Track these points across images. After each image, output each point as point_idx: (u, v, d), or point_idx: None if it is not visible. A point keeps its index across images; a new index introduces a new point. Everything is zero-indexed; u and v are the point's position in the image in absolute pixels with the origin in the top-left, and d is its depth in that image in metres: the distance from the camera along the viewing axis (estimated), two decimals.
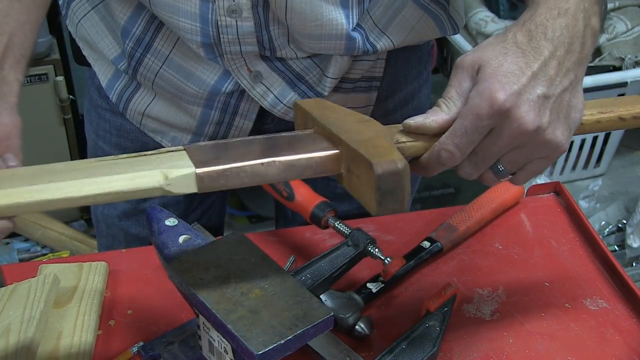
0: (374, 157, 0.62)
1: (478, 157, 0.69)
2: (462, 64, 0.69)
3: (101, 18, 0.98)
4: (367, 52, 0.92)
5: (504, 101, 0.65)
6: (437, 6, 0.95)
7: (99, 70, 1.03)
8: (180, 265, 0.74)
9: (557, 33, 0.68)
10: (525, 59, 0.67)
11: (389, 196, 0.62)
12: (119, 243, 1.15)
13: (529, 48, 0.67)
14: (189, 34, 0.88)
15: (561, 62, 0.68)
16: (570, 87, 0.69)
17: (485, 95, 0.66)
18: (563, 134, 0.69)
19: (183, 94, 0.96)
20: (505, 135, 0.67)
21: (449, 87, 0.70)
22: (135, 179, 0.61)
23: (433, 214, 1.06)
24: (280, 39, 0.90)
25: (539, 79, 0.66)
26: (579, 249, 1.00)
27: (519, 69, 0.66)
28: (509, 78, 0.66)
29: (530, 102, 0.66)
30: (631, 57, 2.13)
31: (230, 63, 0.91)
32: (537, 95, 0.66)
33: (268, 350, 0.65)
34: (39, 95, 2.06)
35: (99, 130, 1.10)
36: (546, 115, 0.67)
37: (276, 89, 0.95)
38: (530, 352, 0.84)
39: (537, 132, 0.67)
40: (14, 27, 0.80)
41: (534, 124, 0.66)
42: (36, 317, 0.81)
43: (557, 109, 0.68)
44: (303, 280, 0.85)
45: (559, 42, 0.68)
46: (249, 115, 0.98)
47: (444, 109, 0.70)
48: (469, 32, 2.26)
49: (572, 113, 0.70)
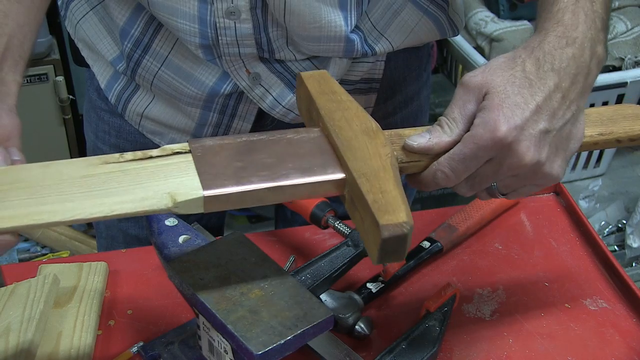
0: (382, 216, 0.61)
1: (475, 180, 0.71)
2: (470, 85, 0.70)
3: (100, 19, 0.98)
4: (366, 54, 0.92)
5: (506, 135, 0.66)
6: (437, 8, 0.95)
7: (97, 71, 1.03)
8: (180, 265, 0.73)
9: (563, 64, 0.69)
10: (531, 90, 0.68)
11: (391, 255, 0.63)
12: (118, 244, 1.15)
13: (535, 78, 0.68)
14: (188, 35, 0.88)
15: (565, 95, 0.69)
16: (572, 118, 0.70)
17: (489, 127, 0.67)
18: (560, 167, 0.71)
19: (181, 95, 0.96)
20: (504, 166, 0.69)
21: (453, 106, 0.71)
22: (144, 201, 0.62)
23: (433, 214, 1.06)
24: (278, 41, 0.90)
25: (542, 114, 0.68)
26: (579, 249, 1.00)
27: (524, 102, 0.67)
28: (514, 111, 0.67)
29: (531, 137, 0.67)
30: (631, 57, 2.13)
31: (228, 65, 0.91)
32: (539, 130, 0.68)
33: (268, 351, 0.65)
34: (39, 95, 2.06)
35: (98, 131, 1.09)
36: (545, 150, 0.69)
37: (275, 91, 0.94)
38: (530, 352, 0.84)
39: (535, 166, 0.69)
40: (13, 29, 0.80)
41: (533, 159, 0.68)
42: (36, 317, 0.81)
43: (557, 143, 0.70)
44: (303, 280, 0.85)
45: (564, 73, 0.69)
46: (247, 117, 0.98)
47: (446, 130, 0.71)
48: (468, 32, 2.26)
49: (570, 144, 0.72)
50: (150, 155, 0.66)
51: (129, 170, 0.65)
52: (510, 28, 2.19)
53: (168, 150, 0.67)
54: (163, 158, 0.66)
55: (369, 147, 0.68)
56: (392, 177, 0.65)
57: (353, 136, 0.69)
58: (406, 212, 0.62)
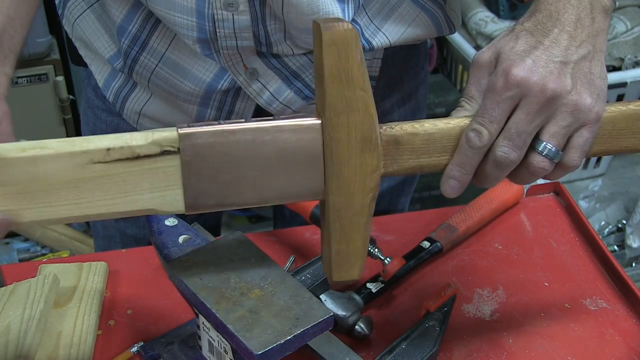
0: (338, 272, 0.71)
1: (511, 131, 0.68)
2: (480, 61, 0.71)
3: (97, 17, 0.98)
4: (363, 48, 0.92)
5: (518, 71, 0.67)
6: (434, 5, 0.96)
7: (95, 69, 1.03)
8: (180, 265, 0.74)
9: (561, 12, 0.70)
10: (535, 37, 0.69)
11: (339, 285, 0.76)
12: (115, 244, 1.15)
13: (536, 30, 0.70)
14: (185, 29, 0.88)
15: (572, 36, 0.69)
16: (589, 55, 0.70)
17: (500, 72, 0.68)
18: (591, 97, 0.69)
19: (179, 92, 0.96)
20: (531, 103, 0.67)
21: (469, 86, 0.72)
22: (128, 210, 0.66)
23: (433, 214, 1.06)
24: (276, 34, 0.90)
25: (553, 49, 0.68)
26: (579, 249, 1.00)
27: (530, 47, 0.68)
28: (521, 56, 0.68)
29: (547, 67, 0.67)
30: (631, 58, 2.13)
31: (226, 59, 0.91)
32: (554, 62, 0.68)
33: (268, 350, 0.65)
34: (39, 95, 2.06)
35: (95, 131, 1.10)
36: (567, 79, 0.68)
37: (272, 87, 0.95)
38: (530, 352, 0.84)
39: (562, 95, 0.67)
40: (4, 22, 0.80)
41: (556, 87, 0.67)
42: (36, 317, 0.81)
43: (578, 75, 0.69)
44: (303, 280, 0.85)
45: (565, 19, 0.70)
46: (244, 114, 0.98)
47: (467, 107, 0.71)
48: (468, 32, 2.26)
49: (595, 80, 0.70)
50: (138, 155, 0.64)
51: (115, 176, 0.64)
52: None
53: (156, 147, 0.64)
54: (150, 159, 0.64)
55: (357, 176, 0.68)
56: (363, 223, 0.69)
57: (346, 159, 0.67)
58: (360, 268, 0.71)
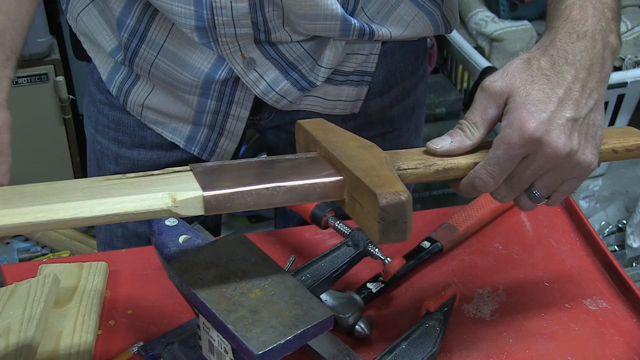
0: (378, 188, 0.63)
1: (513, 180, 0.73)
2: (490, 90, 0.72)
3: (99, 11, 0.99)
4: (364, 32, 0.92)
5: (534, 130, 0.68)
6: (432, 4, 0.97)
7: (99, 63, 1.04)
8: (180, 265, 0.74)
9: (577, 57, 0.71)
10: (551, 84, 0.70)
11: (392, 227, 0.63)
12: (117, 238, 1.15)
13: (552, 74, 0.70)
14: (183, 18, 0.88)
15: (584, 85, 0.71)
16: (595, 106, 0.72)
17: (516, 126, 0.69)
18: (592, 153, 0.72)
19: (179, 83, 0.97)
20: (539, 160, 0.70)
21: (474, 111, 0.74)
22: (144, 201, 0.63)
23: (433, 214, 1.06)
24: (275, 20, 0.89)
25: (566, 104, 0.70)
26: (579, 249, 1.00)
27: (546, 97, 0.69)
28: (538, 106, 0.69)
29: (560, 127, 0.69)
30: (631, 57, 2.13)
31: (224, 47, 0.91)
32: (566, 119, 0.69)
33: (268, 350, 0.65)
34: (39, 95, 2.06)
35: (98, 125, 1.10)
36: (575, 137, 0.70)
37: (269, 77, 0.95)
38: (530, 352, 0.84)
39: (569, 155, 0.70)
40: (5, 24, 0.80)
41: (566, 148, 0.69)
42: (36, 317, 0.81)
43: (585, 131, 0.71)
44: (303, 280, 0.85)
45: (579, 65, 0.71)
46: (245, 103, 0.99)
47: (467, 134, 0.73)
48: (469, 32, 2.26)
49: (597, 132, 0.73)
50: (152, 174, 0.68)
51: (131, 181, 0.67)
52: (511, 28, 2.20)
53: (169, 170, 0.69)
54: (164, 175, 0.68)
55: (365, 154, 0.71)
56: (387, 168, 0.68)
57: (350, 149, 0.72)
58: (403, 189, 0.63)
